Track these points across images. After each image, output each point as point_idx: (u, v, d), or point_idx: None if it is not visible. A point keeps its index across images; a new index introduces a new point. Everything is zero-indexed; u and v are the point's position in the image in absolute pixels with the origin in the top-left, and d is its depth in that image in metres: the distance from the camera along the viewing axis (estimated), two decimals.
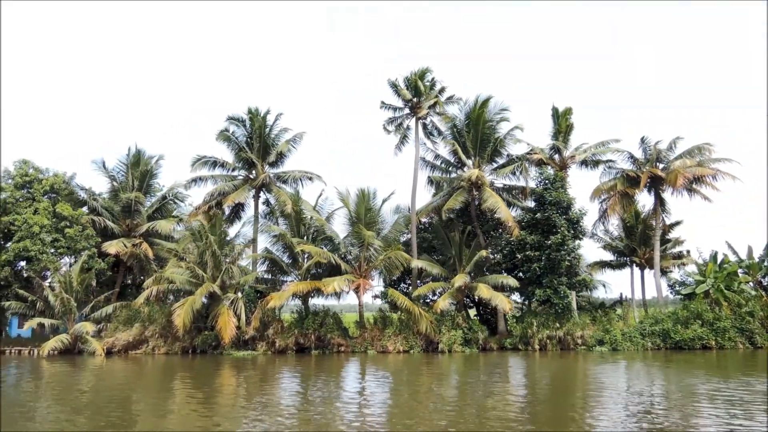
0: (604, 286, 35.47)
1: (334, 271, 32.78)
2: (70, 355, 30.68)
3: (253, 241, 35.14)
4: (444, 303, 29.87)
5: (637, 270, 39.09)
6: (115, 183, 37.11)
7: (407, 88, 33.85)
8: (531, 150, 34.66)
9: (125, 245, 34.74)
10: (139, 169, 37.50)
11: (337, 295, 32.82)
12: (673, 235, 37.23)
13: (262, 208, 36.43)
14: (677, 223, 37.11)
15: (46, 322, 31.13)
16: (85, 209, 35.56)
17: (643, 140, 33.21)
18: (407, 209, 36.81)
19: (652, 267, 37.31)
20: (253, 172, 36.13)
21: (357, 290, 31.54)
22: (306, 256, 32.98)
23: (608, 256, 39.53)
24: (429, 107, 33.16)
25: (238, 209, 37.10)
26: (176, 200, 38.97)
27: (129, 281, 39.38)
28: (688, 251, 37.22)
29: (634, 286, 38.42)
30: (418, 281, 33.60)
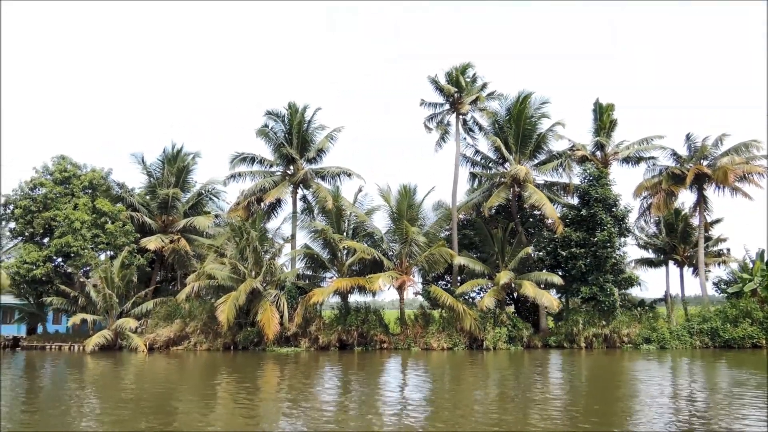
0: (639, 284, 35.12)
1: (374, 267, 32.58)
2: (111, 351, 30.62)
3: (292, 238, 34.98)
4: (489, 300, 29.64)
5: (673, 268, 38.71)
6: (152, 179, 37.03)
7: (448, 84, 33.56)
8: (572, 146, 34.32)
9: (163, 241, 34.68)
10: (176, 165, 37.38)
11: (374, 292, 32.66)
12: (713, 232, 36.79)
13: (299, 204, 36.28)
14: (718, 221, 36.70)
15: (89, 318, 31.07)
16: (118, 205, 35.44)
17: (688, 137, 32.81)
18: (442, 205, 36.63)
19: (691, 265, 36.96)
20: (291, 168, 35.94)
21: (399, 287, 31.34)
22: (346, 252, 32.81)
23: (643, 254, 39.13)
24: (471, 103, 32.85)
25: (274, 205, 36.96)
26: (212, 196, 38.86)
27: (160, 277, 39.30)
28: (728, 249, 36.81)
29: (671, 284, 38.08)
30: (458, 278, 33.37)
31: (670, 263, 37.82)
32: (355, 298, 33.91)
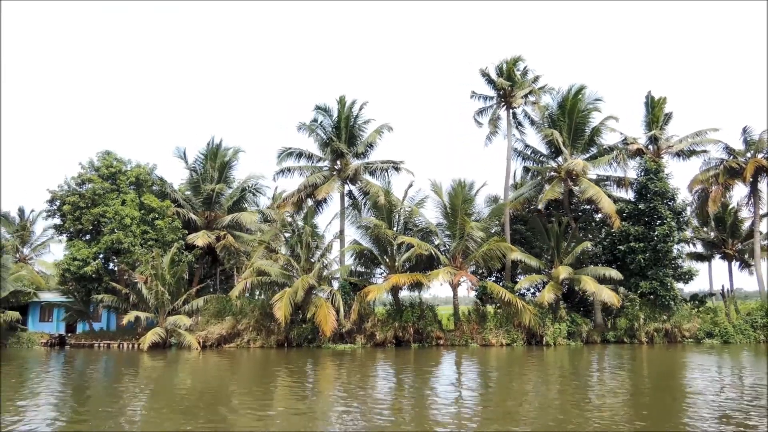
0: (694, 278, 34.85)
1: (426, 263, 32.30)
2: (162, 348, 30.18)
3: (341, 233, 34.60)
4: (549, 296, 29.30)
5: (718, 262, 38.52)
6: (195, 174, 36.61)
7: (499, 77, 33.20)
8: (624, 139, 34.00)
9: (209, 237, 34.29)
10: (218, 161, 36.96)
11: (422, 287, 32.33)
12: (763, 227, 36.57)
13: (345, 199, 35.88)
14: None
15: (142, 315, 30.67)
16: (166, 201, 35.02)
17: (744, 130, 32.52)
18: (488, 200, 36.33)
19: (740, 259, 36.74)
20: (337, 162, 35.54)
21: (454, 283, 31.00)
22: (399, 248, 32.45)
23: (690, 248, 38.87)
24: (524, 96, 32.49)
25: (319, 201, 36.53)
26: (255, 192, 38.45)
27: (201, 274, 38.92)
28: None
29: (718, 279, 37.81)
30: (510, 274, 33.08)
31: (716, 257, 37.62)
32: (402, 295, 33.63)
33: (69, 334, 35.18)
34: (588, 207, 35.36)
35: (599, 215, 34.95)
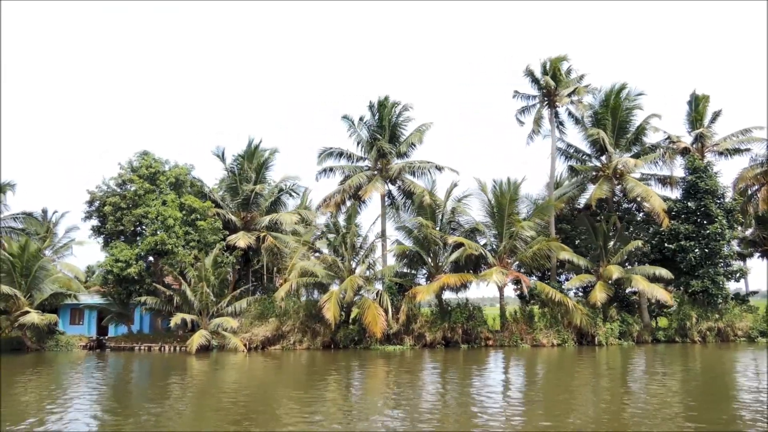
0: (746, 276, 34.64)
1: (472, 263, 32.02)
2: (206, 351, 29.69)
3: (383, 234, 34.28)
4: (601, 295, 29.03)
5: (757, 261, 38.32)
6: (233, 174, 36.22)
7: (544, 76, 32.99)
8: (668, 138, 33.83)
9: (249, 238, 33.91)
10: (255, 162, 36.57)
11: (465, 288, 32.02)
12: None
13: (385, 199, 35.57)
14: None
15: (188, 317, 30.21)
16: (206, 201, 34.60)
17: None
18: (528, 199, 36.04)
19: None
20: (378, 162, 35.21)
21: (502, 283, 30.68)
22: (444, 248, 32.15)
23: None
24: (569, 95, 32.26)
25: (351, 199, 36.12)
26: (291, 192, 38.10)
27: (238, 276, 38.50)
28: None
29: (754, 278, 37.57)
30: (557, 274, 32.83)
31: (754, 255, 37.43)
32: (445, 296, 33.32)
33: (104, 337, 34.70)
34: (628, 206, 35.14)
35: (640, 214, 34.74)
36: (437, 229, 32.35)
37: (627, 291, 32.69)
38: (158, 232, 30.90)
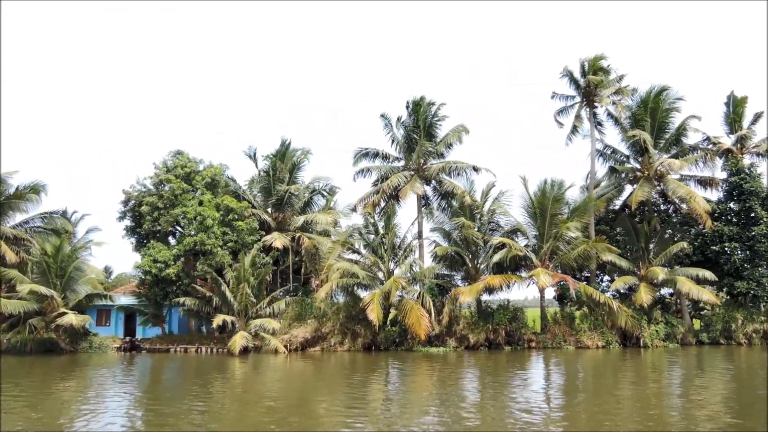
0: None
1: (512, 264, 31.76)
2: (245, 352, 29.29)
3: (419, 235, 34.01)
4: (647, 297, 28.87)
5: None
6: (267, 174, 35.87)
7: (582, 76, 32.85)
8: (707, 139, 33.73)
9: (284, 238, 33.57)
10: (287, 162, 36.22)
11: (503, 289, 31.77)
12: None
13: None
14: None
15: (228, 318, 29.82)
16: (243, 201, 34.25)
17: None
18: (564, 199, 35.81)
19: None
20: (413, 162, 34.94)
21: (544, 285, 30.45)
22: (485, 249, 31.90)
23: None
24: (610, 95, 32.09)
25: (389, 200, 35.85)
26: (324, 193, 37.75)
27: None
28: None
29: None
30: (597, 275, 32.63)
31: None
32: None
33: (137, 339, 34.23)
34: (665, 207, 35.00)
35: (676, 215, 34.61)
36: (478, 229, 32.12)
37: (662, 292, 32.59)
38: (197, 233, 30.51)
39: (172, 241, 33.75)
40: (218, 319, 29.19)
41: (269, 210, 35.92)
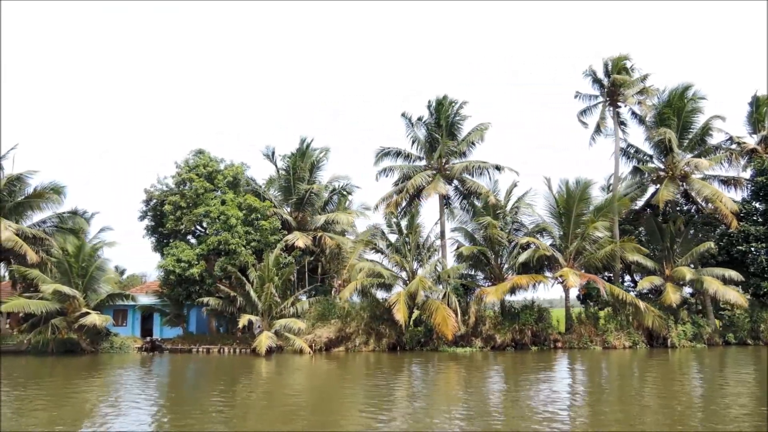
0: None
1: (537, 264, 31.62)
2: (270, 353, 29.10)
3: (442, 234, 33.86)
4: (675, 297, 28.76)
5: None
6: (287, 174, 35.67)
7: (605, 76, 32.78)
8: (729, 138, 33.67)
9: (306, 238, 33.38)
10: (307, 161, 36.02)
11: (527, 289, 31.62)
12: None
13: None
14: None
15: (253, 318, 29.62)
16: (266, 201, 34.05)
17: None
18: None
19: None
20: (434, 162, 34.80)
21: (565, 284, 30.31)
22: (509, 248, 31.77)
23: None
24: (635, 94, 32.00)
25: (412, 200, 35.73)
26: (344, 193, 37.58)
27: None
28: None
29: None
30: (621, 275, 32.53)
31: None
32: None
33: (157, 339, 33.96)
34: (687, 207, 34.91)
35: (698, 215, 34.52)
36: (502, 229, 31.99)
37: (685, 292, 32.50)
38: (220, 232, 30.32)
39: (191, 240, 33.54)
40: (244, 319, 28.96)
41: (288, 209, 35.73)
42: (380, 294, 32.89)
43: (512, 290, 30.39)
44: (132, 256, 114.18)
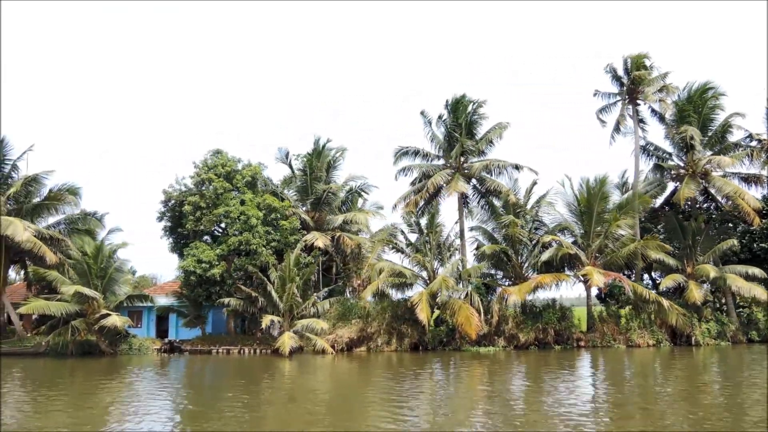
0: None
1: (558, 263, 31.51)
2: (291, 353, 28.94)
3: (461, 234, 33.74)
4: (698, 294, 28.67)
5: None
6: (304, 174, 35.50)
7: (625, 74, 32.72)
8: (749, 136, 33.63)
9: (325, 238, 33.20)
10: (323, 161, 35.85)
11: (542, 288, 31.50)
12: None
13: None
14: None
15: (275, 319, 29.43)
16: (285, 201, 33.88)
17: None
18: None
19: None
20: (452, 161, 34.68)
21: (587, 283, 30.25)
22: (531, 247, 31.66)
23: None
24: (655, 92, 31.93)
25: (431, 199, 35.59)
26: (361, 192, 37.41)
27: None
28: None
29: None
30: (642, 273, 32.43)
31: None
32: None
33: (176, 340, 33.74)
34: (706, 205, 34.87)
35: (717, 212, 34.49)
36: (523, 228, 31.87)
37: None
38: (241, 232, 30.12)
39: (208, 241, 33.31)
40: (266, 320, 28.78)
41: (304, 209, 35.56)
42: (399, 294, 32.90)
43: (535, 289, 30.30)
44: (135, 256, 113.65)
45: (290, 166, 36.91)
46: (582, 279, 30.16)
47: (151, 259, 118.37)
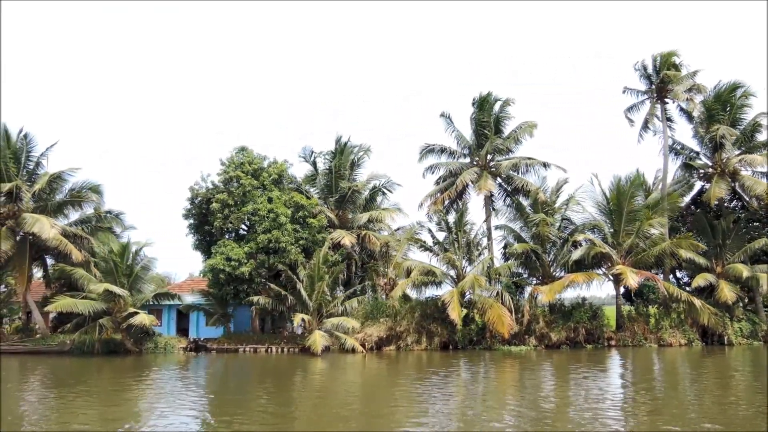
0: None
1: (589, 262, 31.36)
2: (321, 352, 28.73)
3: (489, 232, 33.57)
4: (731, 294, 28.55)
5: None
6: (328, 172, 35.28)
7: (655, 72, 32.58)
8: None
9: (350, 236, 33.00)
10: (347, 159, 35.63)
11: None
12: None
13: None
14: None
15: (306, 317, 29.20)
16: (312, 198, 33.67)
17: None
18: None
19: None
20: (477, 159, 34.52)
21: (617, 281, 30.11)
22: (561, 246, 31.51)
23: None
24: (685, 91, 31.80)
25: (458, 197, 35.37)
26: (385, 190, 37.21)
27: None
28: None
29: None
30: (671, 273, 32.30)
31: None
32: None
33: (201, 339, 33.46)
34: (728, 204, 34.75)
35: (743, 211, 34.37)
36: (551, 226, 31.70)
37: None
38: (269, 230, 29.88)
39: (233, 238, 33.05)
40: (297, 318, 28.58)
41: (329, 207, 35.37)
42: (427, 293, 32.69)
43: (566, 288, 30.13)
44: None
45: (314, 165, 36.65)
46: (612, 278, 30.01)
47: (156, 257, 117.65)
